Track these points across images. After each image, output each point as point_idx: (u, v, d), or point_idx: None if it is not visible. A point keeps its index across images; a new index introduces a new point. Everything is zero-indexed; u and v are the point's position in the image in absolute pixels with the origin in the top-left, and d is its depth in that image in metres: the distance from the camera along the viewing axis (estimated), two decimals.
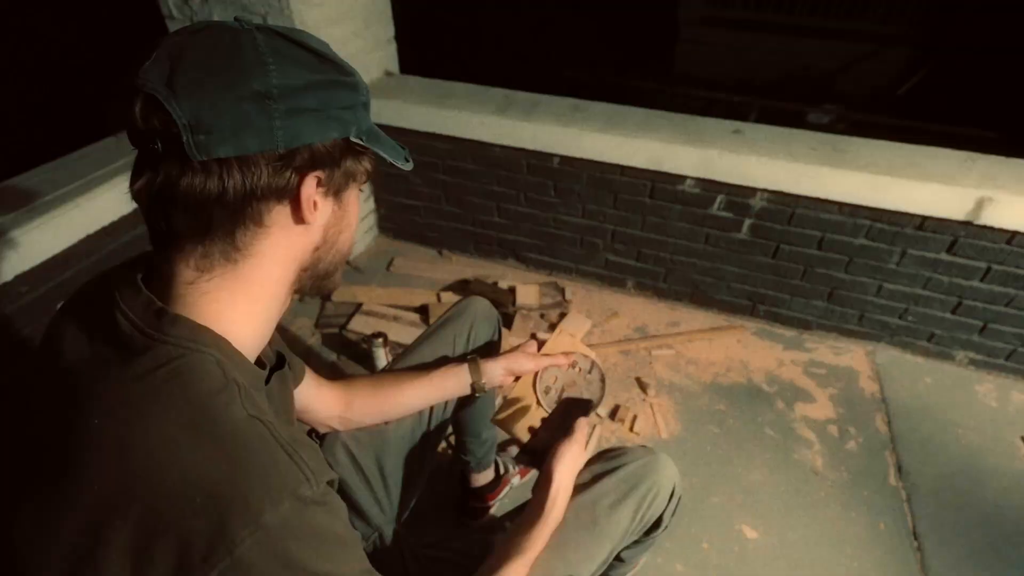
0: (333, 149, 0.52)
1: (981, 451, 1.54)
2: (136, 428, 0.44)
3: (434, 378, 0.93)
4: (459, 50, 3.70)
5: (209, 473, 0.43)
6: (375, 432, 0.93)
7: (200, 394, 0.46)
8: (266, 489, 0.43)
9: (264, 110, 0.46)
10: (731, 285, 1.88)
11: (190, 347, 0.48)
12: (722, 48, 4.26)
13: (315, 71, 0.49)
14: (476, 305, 1.09)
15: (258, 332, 0.56)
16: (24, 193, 1.33)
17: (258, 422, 0.47)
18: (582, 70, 3.68)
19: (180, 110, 0.44)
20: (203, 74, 0.45)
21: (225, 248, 0.50)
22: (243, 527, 0.41)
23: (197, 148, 0.45)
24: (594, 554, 0.80)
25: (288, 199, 0.51)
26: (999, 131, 2.67)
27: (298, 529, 0.44)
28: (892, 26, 4.03)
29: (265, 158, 0.47)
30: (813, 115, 3.33)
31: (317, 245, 0.56)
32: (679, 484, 0.88)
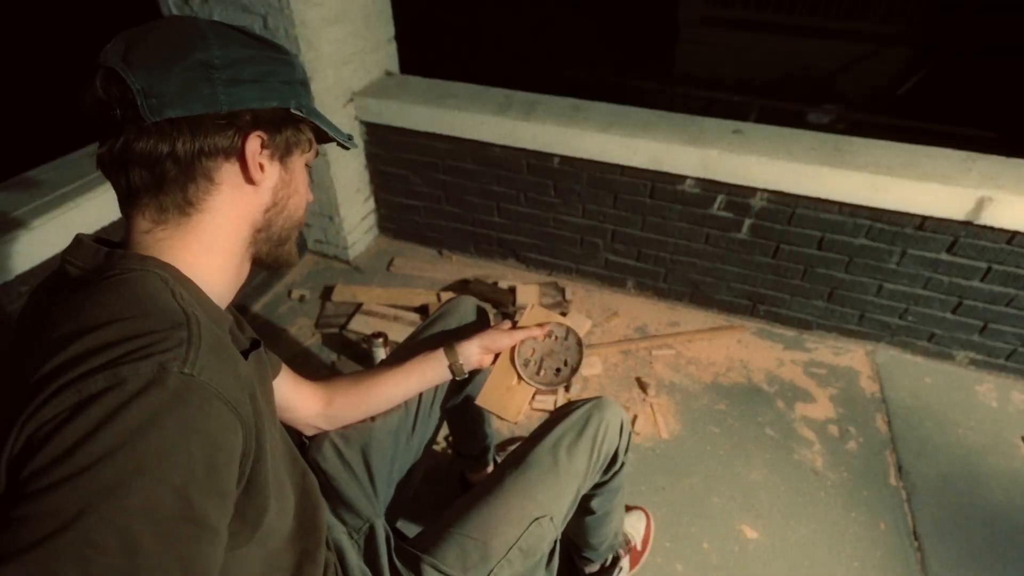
0: (274, 116, 0.59)
1: (981, 451, 1.54)
2: (70, 319, 0.46)
3: (413, 366, 0.94)
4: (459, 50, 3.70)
5: (111, 334, 0.44)
6: (361, 427, 0.93)
7: (136, 289, 0.49)
8: (141, 347, 0.43)
9: (208, 78, 0.53)
10: (731, 285, 1.88)
11: (135, 268, 0.52)
12: (722, 48, 4.26)
13: (253, 48, 0.57)
14: (463, 304, 1.10)
15: (215, 281, 0.59)
16: (24, 193, 1.33)
17: (180, 308, 0.49)
18: (582, 70, 3.68)
19: (134, 78, 0.50)
20: (154, 49, 0.52)
21: (178, 202, 0.55)
22: (102, 370, 0.41)
23: (150, 110, 0.51)
24: (562, 492, 0.87)
25: (235, 157, 0.57)
26: (999, 131, 2.67)
27: (137, 400, 0.41)
28: (892, 26, 4.03)
29: (210, 118, 0.54)
30: (813, 115, 3.33)
31: (267, 207, 0.61)
32: (626, 420, 0.96)
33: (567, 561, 1.22)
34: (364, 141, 2.03)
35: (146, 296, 0.49)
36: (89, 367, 0.42)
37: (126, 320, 0.46)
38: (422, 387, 0.96)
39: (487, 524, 0.82)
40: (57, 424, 0.40)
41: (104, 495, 0.38)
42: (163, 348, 0.44)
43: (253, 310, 1.95)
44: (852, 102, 3.50)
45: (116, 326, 0.45)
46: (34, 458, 0.39)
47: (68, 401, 0.40)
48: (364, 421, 0.94)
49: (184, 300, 0.51)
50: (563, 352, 1.00)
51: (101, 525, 0.37)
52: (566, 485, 0.87)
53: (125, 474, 0.39)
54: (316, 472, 0.88)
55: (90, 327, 0.45)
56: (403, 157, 2.02)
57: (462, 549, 0.80)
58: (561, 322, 1.01)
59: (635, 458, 1.50)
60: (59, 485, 0.38)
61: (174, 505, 0.40)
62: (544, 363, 1.00)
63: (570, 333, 1.01)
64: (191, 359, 0.45)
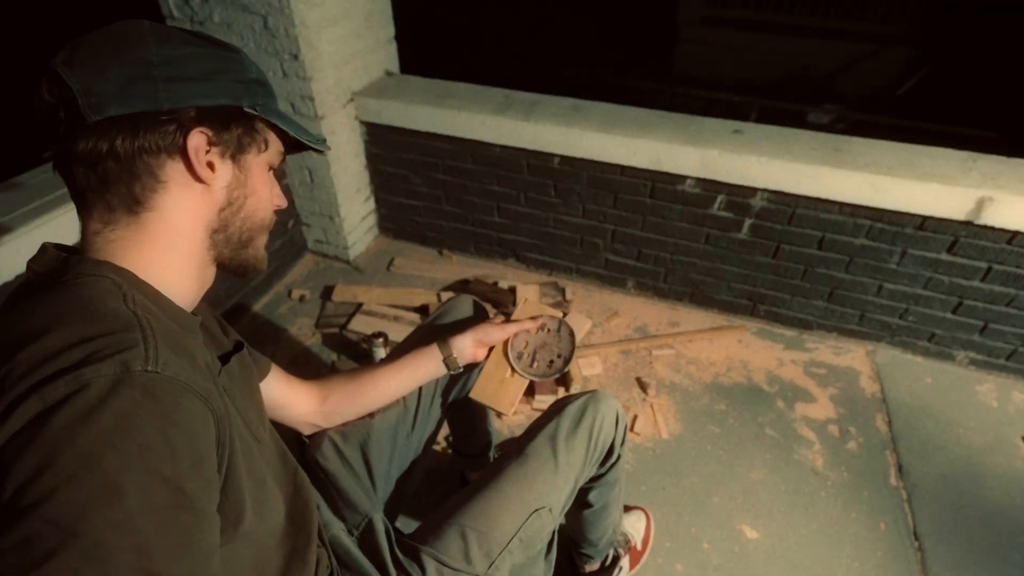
0: (223, 113, 0.57)
1: (982, 451, 1.54)
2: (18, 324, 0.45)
3: (407, 362, 0.95)
4: (459, 50, 3.70)
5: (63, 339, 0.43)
6: (360, 424, 0.94)
7: (85, 294, 0.49)
8: (99, 349, 0.42)
9: (148, 75, 0.53)
10: (731, 285, 1.88)
11: (89, 274, 0.51)
12: (722, 48, 4.26)
13: (198, 46, 0.57)
14: (462, 304, 1.10)
15: (176, 284, 0.58)
16: (24, 193, 1.33)
17: (131, 313, 0.48)
18: (582, 70, 3.68)
19: (74, 78, 0.51)
20: (94, 50, 0.52)
21: (125, 201, 0.55)
22: (63, 375, 0.40)
23: (90, 108, 0.51)
24: (560, 483, 0.88)
25: (178, 154, 0.55)
26: (999, 131, 2.67)
27: (109, 401, 0.40)
28: (892, 26, 4.04)
29: (151, 115, 0.53)
30: (813, 115, 3.33)
31: (221, 206, 0.60)
32: (621, 412, 0.96)
33: (568, 561, 1.22)
34: (364, 141, 2.03)
35: (95, 300, 0.48)
36: (45, 374, 0.40)
37: (75, 325, 0.44)
38: (417, 382, 0.97)
39: (488, 515, 0.83)
40: (27, 436, 0.39)
41: (102, 497, 0.38)
42: (120, 348, 0.43)
43: (254, 310, 1.95)
44: (852, 102, 3.50)
45: (65, 331, 0.43)
46: (12, 474, 0.38)
47: (32, 409, 0.39)
48: (363, 418, 0.94)
49: (136, 303, 0.50)
50: (556, 344, 1.01)
51: (107, 527, 0.37)
52: (564, 476, 0.88)
53: (115, 474, 0.39)
54: (316, 470, 0.89)
55: (37, 332, 0.43)
56: (403, 157, 2.02)
57: (464, 540, 0.81)
58: (553, 315, 1.02)
59: (635, 458, 1.50)
60: (51, 496, 0.37)
61: (169, 496, 0.41)
62: (537, 355, 1.00)
63: (562, 325, 1.01)
64: (152, 356, 0.45)
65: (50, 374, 0.40)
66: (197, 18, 1.69)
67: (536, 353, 1.01)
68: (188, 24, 1.72)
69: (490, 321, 1.00)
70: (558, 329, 1.01)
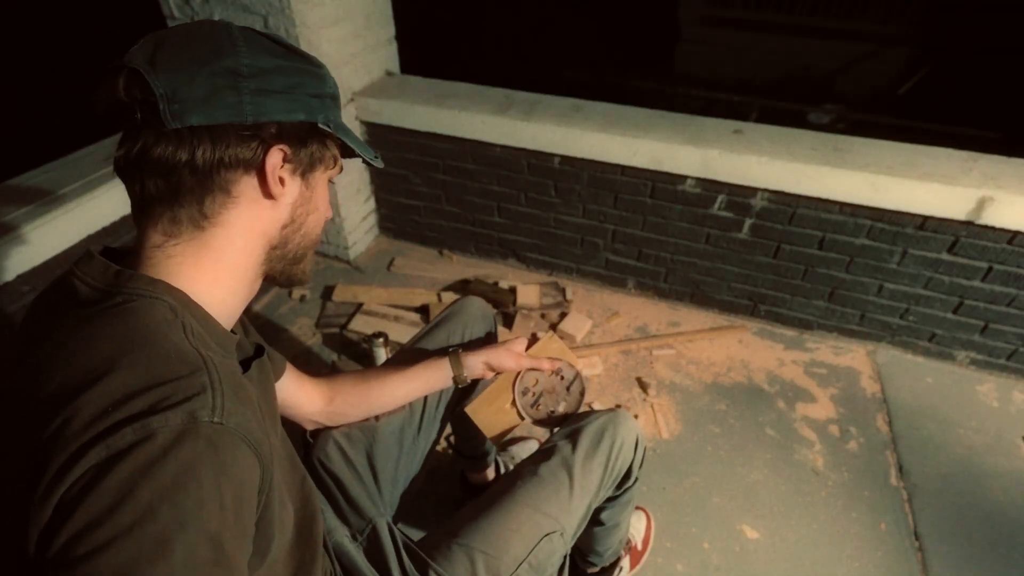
0: (299, 130, 0.56)
1: (982, 451, 1.53)
2: (78, 353, 0.45)
3: (416, 371, 0.94)
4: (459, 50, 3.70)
5: (129, 380, 0.42)
6: (366, 428, 0.93)
7: (145, 322, 0.47)
8: (167, 396, 0.42)
9: (234, 86, 0.51)
10: (732, 285, 1.88)
11: (144, 294, 0.50)
12: (722, 48, 4.26)
13: (283, 58, 0.55)
14: (471, 305, 1.09)
15: (225, 302, 0.57)
16: (25, 193, 1.33)
17: (195, 351, 0.47)
18: (582, 70, 3.68)
19: (158, 81, 0.48)
20: (180, 53, 0.50)
21: (193, 214, 0.53)
22: (130, 423, 0.40)
23: (172, 116, 0.49)
24: (574, 507, 0.85)
25: (255, 170, 0.54)
26: (1000, 131, 2.67)
27: (172, 452, 0.40)
28: (892, 26, 4.04)
29: (234, 128, 0.51)
30: (814, 115, 3.33)
31: (285, 223, 0.59)
32: (641, 436, 0.94)
33: (569, 560, 1.22)
34: (365, 141, 2.03)
35: (156, 332, 0.47)
36: (113, 420, 0.40)
37: (140, 365, 0.44)
38: (424, 392, 0.96)
39: (497, 538, 0.80)
40: (88, 483, 0.38)
41: (152, 553, 0.38)
42: (188, 396, 0.43)
43: (254, 310, 1.95)
44: (852, 102, 3.50)
45: (131, 372, 0.43)
46: (70, 522, 0.37)
47: (96, 457, 0.39)
48: (368, 421, 0.94)
49: (194, 336, 0.49)
50: (563, 395, 0.98)
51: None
52: (578, 500, 0.85)
53: (169, 530, 0.39)
54: (320, 472, 0.88)
55: (100, 370, 0.43)
56: (403, 157, 2.02)
57: (471, 562, 0.79)
58: (573, 364, 0.99)
59: None
60: (105, 548, 0.37)
61: (209, 553, 0.40)
62: (542, 399, 0.98)
63: (577, 380, 0.98)
64: (218, 406, 0.45)
65: (117, 421, 0.40)
66: (198, 18, 1.69)
67: (542, 396, 0.98)
68: None
69: (509, 346, 0.97)
70: (571, 381, 0.98)
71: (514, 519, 0.82)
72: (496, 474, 1.36)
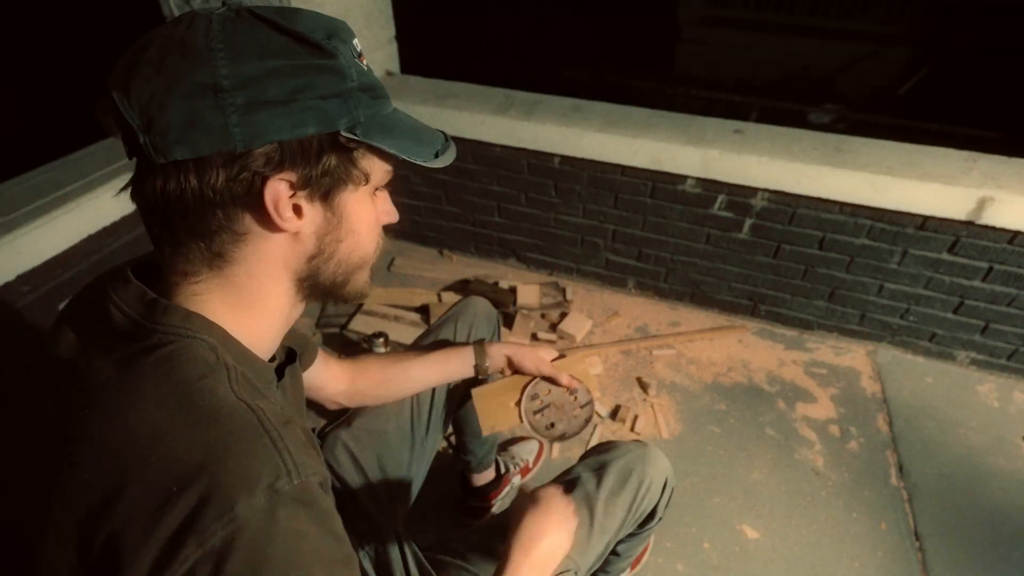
0: (310, 146, 0.45)
1: (983, 451, 1.53)
2: (120, 414, 0.42)
3: (439, 357, 0.94)
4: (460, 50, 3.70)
5: (188, 458, 0.40)
6: (374, 430, 0.93)
7: (187, 377, 0.44)
8: (241, 477, 0.40)
9: (217, 105, 0.41)
10: (732, 285, 1.88)
11: (181, 333, 0.46)
12: (722, 48, 4.26)
13: (278, 56, 0.43)
14: (475, 305, 1.09)
15: (263, 337, 0.54)
16: (25, 193, 1.33)
17: (245, 406, 0.44)
18: (582, 70, 3.67)
19: (132, 110, 0.41)
20: (153, 70, 0.41)
21: (203, 254, 0.47)
22: (216, 519, 0.38)
23: (154, 149, 0.42)
24: (592, 547, 0.81)
25: (255, 205, 0.46)
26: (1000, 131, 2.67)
27: (272, 529, 0.39)
28: (892, 26, 4.03)
29: (222, 158, 0.43)
30: (814, 115, 3.33)
31: (311, 255, 0.51)
32: (671, 476, 0.89)
33: None
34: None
35: (205, 393, 0.43)
36: (189, 508, 0.38)
37: (194, 430, 0.41)
38: (443, 380, 0.96)
39: None
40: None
41: None
42: (260, 468, 0.41)
43: None
44: (853, 102, 3.50)
45: (186, 442, 0.41)
46: None
47: (194, 555, 0.38)
48: (377, 424, 0.93)
49: (239, 382, 0.46)
50: (568, 415, 0.97)
51: None
52: (597, 540, 0.81)
53: None
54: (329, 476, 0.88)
55: (159, 448, 0.40)
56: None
57: None
58: (591, 390, 0.97)
59: None
60: None
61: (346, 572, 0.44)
62: (547, 410, 0.96)
63: (588, 406, 0.97)
64: (290, 466, 0.42)
65: (196, 509, 0.38)
66: None
67: (548, 407, 0.97)
68: None
69: (535, 350, 0.96)
70: (583, 405, 0.97)
71: None
72: (496, 473, 1.36)
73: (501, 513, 1.24)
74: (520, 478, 1.43)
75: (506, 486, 1.39)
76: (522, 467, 1.44)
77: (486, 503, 1.35)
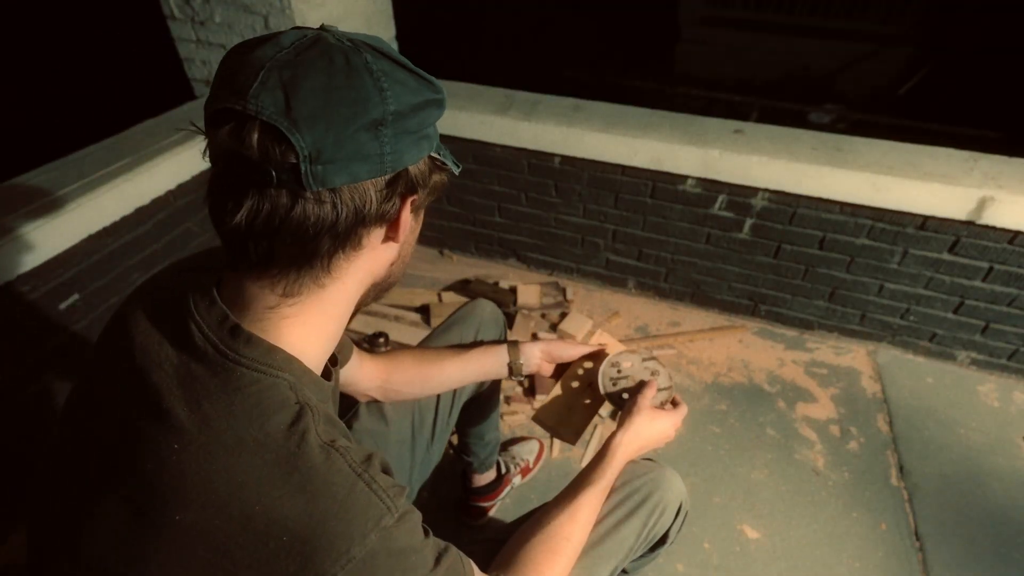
0: (425, 168, 0.51)
1: (983, 451, 1.53)
2: (218, 462, 0.44)
3: (474, 355, 0.94)
4: (460, 50, 3.70)
5: (295, 515, 0.43)
6: (377, 433, 0.93)
7: (279, 428, 0.46)
8: (353, 528, 0.44)
9: (376, 137, 0.45)
10: (732, 285, 1.88)
11: (264, 370, 0.48)
12: (723, 48, 4.26)
13: (417, 93, 0.48)
14: (482, 308, 1.09)
15: (326, 349, 0.56)
16: (26, 193, 1.33)
17: (334, 452, 0.47)
18: (583, 70, 3.68)
19: (303, 141, 0.42)
20: (324, 103, 0.43)
21: (318, 274, 0.50)
22: (333, 563, 0.43)
23: (314, 179, 0.43)
24: (599, 571, 0.78)
25: (388, 222, 0.51)
26: (1001, 130, 2.67)
27: (384, 555, 0.45)
28: (892, 26, 4.04)
29: (374, 185, 0.47)
30: (814, 115, 3.33)
31: (393, 260, 0.56)
32: (686, 500, 0.86)
33: None
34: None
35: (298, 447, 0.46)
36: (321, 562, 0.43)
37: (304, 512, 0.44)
38: (479, 378, 0.96)
39: None
40: None
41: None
42: (367, 516, 0.45)
43: None
44: (853, 102, 3.50)
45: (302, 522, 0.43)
46: None
47: None
48: (380, 427, 0.94)
49: (317, 418, 0.48)
50: (641, 371, 0.91)
51: None
52: (605, 564, 0.78)
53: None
54: None
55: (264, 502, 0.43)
56: None
57: None
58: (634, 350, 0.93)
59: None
60: None
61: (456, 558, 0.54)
62: (625, 380, 0.91)
63: (667, 391, 0.90)
64: (388, 502, 0.47)
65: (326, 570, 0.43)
66: (198, 18, 1.69)
67: (627, 378, 0.91)
68: (189, 25, 1.72)
69: (562, 340, 0.96)
70: (660, 389, 0.89)
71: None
72: (497, 474, 1.36)
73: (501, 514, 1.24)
74: (520, 478, 1.43)
75: (506, 487, 1.39)
76: (523, 467, 1.44)
77: (486, 503, 1.35)
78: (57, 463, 0.53)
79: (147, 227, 1.50)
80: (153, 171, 1.46)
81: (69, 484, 0.51)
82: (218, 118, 0.44)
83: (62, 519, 0.50)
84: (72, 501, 0.50)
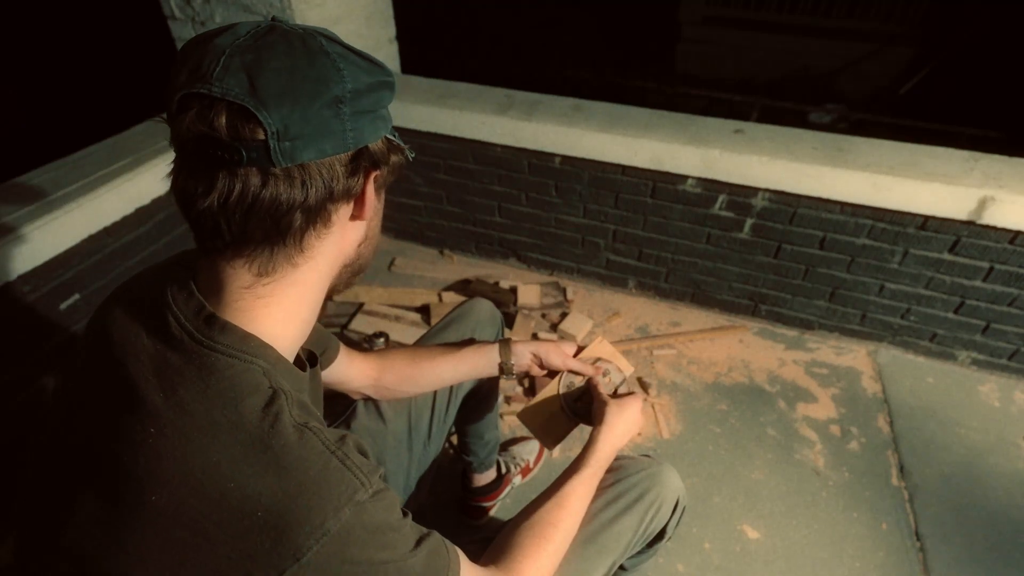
0: (383, 147, 0.54)
1: (984, 451, 1.53)
2: (194, 443, 0.45)
3: (466, 354, 0.94)
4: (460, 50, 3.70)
5: (269, 491, 0.44)
6: (374, 430, 0.93)
7: (253, 409, 0.47)
8: (327, 501, 0.45)
9: (338, 114, 0.47)
10: (733, 285, 1.88)
11: (238, 356, 0.49)
12: (723, 48, 4.25)
13: (371, 74, 0.50)
14: (479, 307, 1.09)
15: (300, 334, 0.57)
16: (26, 193, 1.33)
17: (307, 431, 0.48)
18: (583, 70, 3.67)
19: (271, 118, 0.44)
20: (287, 82, 0.45)
21: (291, 252, 0.51)
22: (308, 536, 0.44)
23: (283, 155, 0.45)
24: (596, 567, 0.78)
25: (353, 198, 0.53)
26: (1001, 130, 2.67)
27: (359, 529, 0.46)
28: (893, 25, 4.03)
29: (339, 161, 0.49)
30: (814, 115, 3.33)
31: (361, 240, 0.58)
32: (683, 496, 0.86)
33: None
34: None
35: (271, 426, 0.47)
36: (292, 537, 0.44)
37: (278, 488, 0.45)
38: (471, 375, 0.96)
39: None
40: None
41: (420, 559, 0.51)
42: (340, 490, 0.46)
43: None
44: (853, 102, 3.50)
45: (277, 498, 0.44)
46: None
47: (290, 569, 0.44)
48: (378, 426, 0.94)
49: (295, 411, 0.49)
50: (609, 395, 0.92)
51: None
52: (602, 560, 0.78)
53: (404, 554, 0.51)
54: None
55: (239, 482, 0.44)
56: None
57: None
58: (623, 368, 0.95)
59: None
60: None
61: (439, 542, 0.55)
62: (584, 396, 0.93)
63: (623, 384, 0.94)
64: (361, 477, 0.48)
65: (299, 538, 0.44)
66: (199, 18, 1.69)
67: (585, 394, 0.93)
68: (189, 25, 1.72)
69: (557, 345, 0.96)
70: (619, 384, 0.93)
71: None
72: (497, 474, 1.36)
73: (501, 514, 1.24)
74: (521, 478, 1.43)
75: (506, 486, 1.39)
76: (523, 467, 1.43)
77: (486, 503, 1.35)
78: (40, 461, 0.54)
79: (147, 227, 1.50)
80: (153, 171, 1.46)
81: (51, 481, 0.52)
82: (183, 104, 0.45)
83: (44, 514, 0.51)
84: (53, 497, 0.51)
